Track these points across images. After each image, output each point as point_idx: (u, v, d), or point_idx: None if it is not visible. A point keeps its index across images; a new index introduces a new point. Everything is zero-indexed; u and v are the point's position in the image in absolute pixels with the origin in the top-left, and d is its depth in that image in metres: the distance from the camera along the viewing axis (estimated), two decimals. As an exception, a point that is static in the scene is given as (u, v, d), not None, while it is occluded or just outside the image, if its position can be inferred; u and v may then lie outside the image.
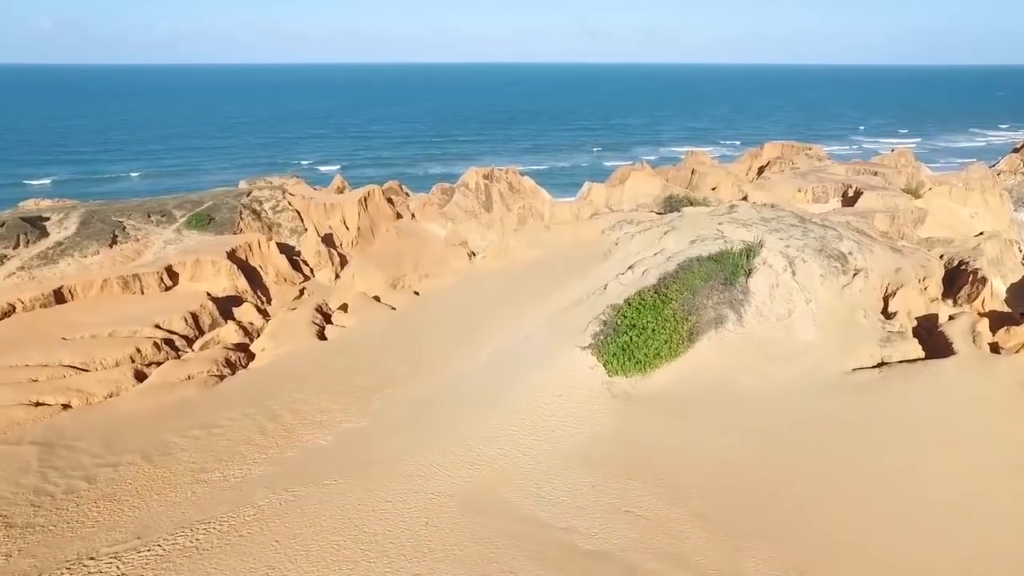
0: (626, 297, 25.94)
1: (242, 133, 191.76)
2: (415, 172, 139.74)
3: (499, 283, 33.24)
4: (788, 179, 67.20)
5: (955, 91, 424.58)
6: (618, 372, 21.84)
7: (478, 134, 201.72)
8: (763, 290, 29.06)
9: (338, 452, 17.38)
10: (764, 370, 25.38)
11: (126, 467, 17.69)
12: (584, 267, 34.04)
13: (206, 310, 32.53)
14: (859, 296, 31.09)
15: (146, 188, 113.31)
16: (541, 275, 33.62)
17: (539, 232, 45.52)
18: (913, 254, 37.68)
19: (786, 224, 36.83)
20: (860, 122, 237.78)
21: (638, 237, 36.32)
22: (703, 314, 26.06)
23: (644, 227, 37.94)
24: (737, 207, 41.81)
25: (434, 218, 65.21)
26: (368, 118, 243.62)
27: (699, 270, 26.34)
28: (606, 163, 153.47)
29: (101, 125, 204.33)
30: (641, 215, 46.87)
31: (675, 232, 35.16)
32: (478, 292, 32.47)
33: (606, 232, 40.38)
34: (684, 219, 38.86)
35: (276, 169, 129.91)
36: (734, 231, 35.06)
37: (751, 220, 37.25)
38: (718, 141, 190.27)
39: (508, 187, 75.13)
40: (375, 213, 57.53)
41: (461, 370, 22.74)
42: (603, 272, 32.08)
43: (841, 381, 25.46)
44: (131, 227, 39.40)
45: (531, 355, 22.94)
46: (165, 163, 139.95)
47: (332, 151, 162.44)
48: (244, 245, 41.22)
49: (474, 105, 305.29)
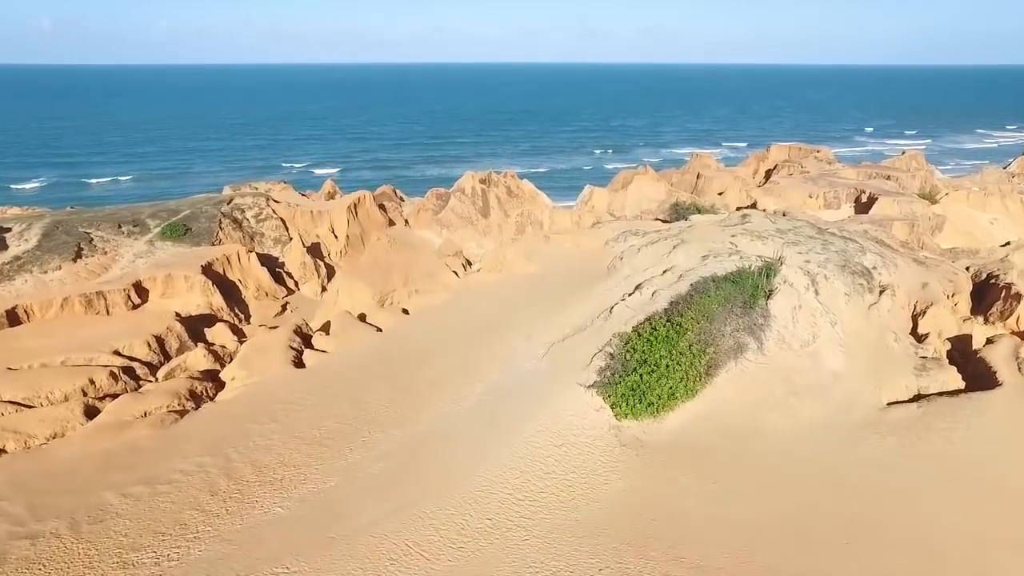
0: (635, 324, 23.15)
1: (237, 135, 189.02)
2: (412, 175, 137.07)
3: (494, 302, 30.45)
4: (798, 184, 64.35)
5: (959, 91, 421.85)
6: (628, 415, 19.06)
7: (477, 136, 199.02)
8: (785, 313, 26.24)
9: (296, 525, 14.59)
10: (790, 407, 22.57)
11: (46, 540, 14.89)
12: (587, 284, 31.24)
13: (173, 332, 29.73)
14: (887, 317, 28.31)
15: (135, 192, 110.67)
16: (540, 293, 30.84)
17: (538, 243, 42.84)
18: (939, 267, 34.87)
19: (804, 236, 34.04)
20: (864, 123, 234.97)
21: (645, 251, 33.50)
22: (721, 343, 23.27)
23: (651, 239, 35.15)
24: (750, 217, 39.00)
25: (429, 225, 62.49)
26: (365, 119, 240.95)
27: (716, 294, 23.52)
28: (607, 165, 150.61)
29: (96, 126, 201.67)
30: (647, 224, 44.19)
31: (685, 246, 32.34)
32: (471, 313, 29.68)
33: (610, 244, 37.65)
34: (694, 231, 36.04)
35: (268, 172, 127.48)
36: (749, 244, 32.26)
37: (766, 232, 34.45)
38: (719, 143, 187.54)
39: (506, 192, 72.36)
40: (366, 221, 54.73)
41: (448, 411, 19.95)
42: (608, 291, 29.28)
43: (876, 419, 22.62)
44: (99, 239, 36.61)
45: (528, 394, 20.17)
46: (157, 166, 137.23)
47: (328, 153, 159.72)
48: (222, 257, 38.44)
49: (473, 106, 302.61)
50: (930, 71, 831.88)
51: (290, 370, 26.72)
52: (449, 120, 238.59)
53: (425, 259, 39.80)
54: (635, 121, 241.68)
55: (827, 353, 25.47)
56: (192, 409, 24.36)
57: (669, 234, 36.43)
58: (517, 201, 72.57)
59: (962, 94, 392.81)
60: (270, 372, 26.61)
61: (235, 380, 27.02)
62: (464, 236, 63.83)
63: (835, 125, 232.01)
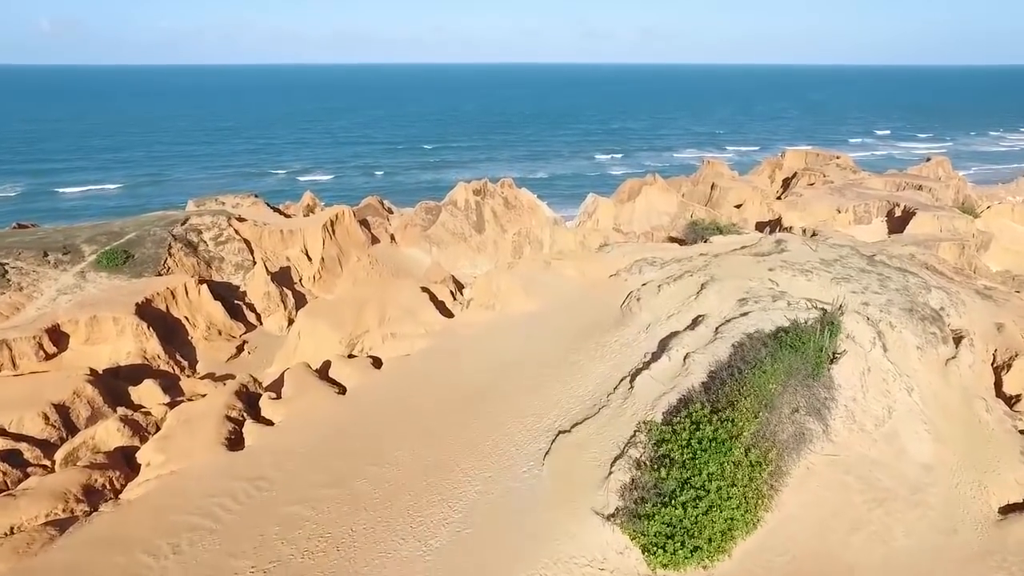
0: (666, 409, 17.33)
1: (227, 138, 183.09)
2: (405, 180, 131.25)
3: (482, 357, 24.61)
4: (823, 195, 58.46)
5: (965, 92, 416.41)
6: (666, 564, 13.25)
7: (474, 139, 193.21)
8: (852, 380, 20.35)
9: None
10: (878, 526, 16.62)
11: None
12: (597, 333, 25.39)
13: (82, 398, 23.86)
14: (970, 376, 22.40)
15: (109, 204, 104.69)
16: (539, 344, 24.99)
17: (537, 270, 37.12)
18: (1008, 301, 28.97)
19: (854, 268, 28.24)
20: (872, 125, 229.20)
21: (666, 289, 27.54)
22: (780, 432, 17.45)
23: (672, 274, 29.29)
24: (786, 244, 33.09)
25: (417, 242, 56.69)
26: (360, 121, 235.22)
27: (772, 368, 17.63)
28: (609, 171, 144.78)
29: (83, 129, 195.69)
30: (662, 248, 38.45)
31: (715, 285, 26.42)
32: (452, 372, 23.83)
33: (622, 276, 31.82)
34: (723, 264, 30.11)
35: (252, 181, 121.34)
36: (792, 281, 26.44)
37: (809, 263, 28.69)
38: (724, 146, 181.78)
39: (503, 203, 66.58)
40: (344, 239, 48.89)
41: (407, 556, 14.07)
42: (625, 348, 23.42)
43: (995, 542, 16.68)
44: (15, 271, 30.76)
45: (522, 526, 14.33)
46: (140, 172, 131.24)
47: (318, 158, 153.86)
48: (164, 292, 32.55)
49: (471, 108, 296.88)
50: (930, 71, 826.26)
51: (221, 455, 20.74)
52: (446, 123, 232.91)
53: (407, 291, 34.04)
54: (636, 124, 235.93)
55: (908, 433, 19.53)
56: (83, 516, 18.48)
57: (693, 266, 30.55)
58: (515, 214, 66.79)
59: (970, 95, 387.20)
60: (194, 457, 20.67)
61: (150, 466, 21.15)
62: (456, 254, 58.05)
63: (842, 127, 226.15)
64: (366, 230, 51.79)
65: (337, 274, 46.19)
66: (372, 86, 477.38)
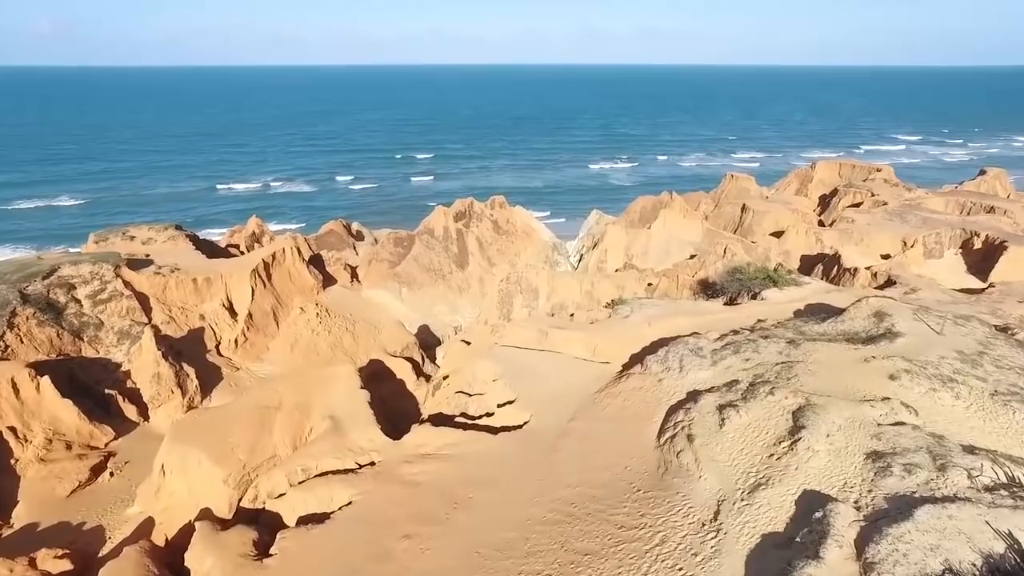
0: None
1: (200, 146, 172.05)
2: (393, 191, 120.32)
3: (429, 542, 13.97)
4: (880, 221, 47.63)
5: (971, 93, 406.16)
6: None
7: (468, 145, 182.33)
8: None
9: None
10: None
11: None
12: (624, 504, 14.79)
13: None
14: None
15: (62, 221, 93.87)
16: (527, 529, 14.35)
17: (531, 341, 26.67)
18: None
19: (1015, 367, 18.06)
20: (886, 128, 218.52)
21: (735, 421, 16.62)
22: None
23: (732, 378, 18.66)
24: (892, 320, 22.48)
25: (384, 281, 45.90)
26: (350, 125, 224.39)
27: None
28: (612, 180, 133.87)
29: (57, 133, 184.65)
30: (700, 311, 27.94)
31: (815, 418, 15.58)
32: (382, 568, 13.21)
33: (653, 368, 21.27)
34: (812, 366, 19.46)
35: (212, 198, 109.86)
36: (933, 403, 16.80)
37: (942, 360, 18.61)
38: (733, 151, 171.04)
39: (492, 228, 55.88)
40: (285, 285, 38.16)
41: None
42: (683, 555, 12.85)
43: None
44: None
45: None
46: (104, 183, 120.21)
47: (300, 166, 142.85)
48: (-24, 395, 21.78)
49: (467, 111, 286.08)
50: (931, 71, 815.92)
51: None
52: (439, 128, 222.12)
53: (341, 388, 23.39)
54: (638, 128, 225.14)
55: None
56: None
57: (762, 365, 19.92)
58: (506, 241, 56.10)
59: (976, 96, 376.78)
60: None
61: None
62: (432, 296, 47.18)
63: (854, 130, 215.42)
64: (315, 270, 40.92)
65: (270, 333, 35.41)
66: (367, 88, 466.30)
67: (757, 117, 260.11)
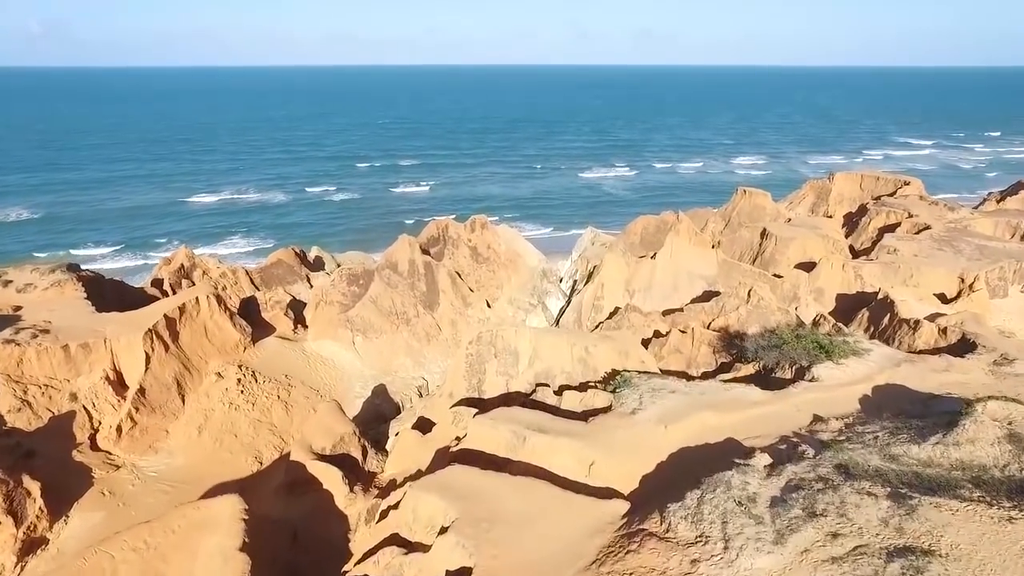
0: None
1: (176, 151, 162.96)
2: (371, 199, 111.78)
3: None
4: (929, 251, 39.90)
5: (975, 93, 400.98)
6: None
7: (455, 150, 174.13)
8: None
9: None
10: None
11: None
12: None
13: None
14: None
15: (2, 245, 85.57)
16: None
17: (502, 449, 19.48)
18: None
19: None
20: (888, 130, 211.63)
21: None
22: None
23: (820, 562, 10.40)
24: (978, 422, 14.36)
25: (333, 329, 37.59)
26: (331, 129, 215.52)
27: None
28: (606, 188, 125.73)
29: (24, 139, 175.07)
30: (733, 403, 20.40)
31: None
32: None
33: (680, 532, 13.30)
34: (963, 567, 10.78)
35: (168, 213, 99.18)
36: None
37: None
38: (731, 157, 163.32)
39: (470, 255, 47.92)
40: (197, 345, 30.06)
41: None
42: None
43: None
44: None
45: None
46: (61, 197, 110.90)
47: (272, 174, 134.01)
48: None
49: (456, 114, 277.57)
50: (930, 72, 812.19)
51: None
52: (423, 133, 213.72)
53: (216, 543, 15.56)
54: (632, 131, 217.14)
55: None
56: None
57: (869, 552, 11.33)
58: (486, 271, 48.12)
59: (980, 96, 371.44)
60: None
61: None
62: (392, 347, 38.72)
63: (855, 132, 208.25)
64: (243, 321, 32.74)
65: (171, 412, 27.23)
66: (356, 89, 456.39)
67: (754, 120, 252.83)
